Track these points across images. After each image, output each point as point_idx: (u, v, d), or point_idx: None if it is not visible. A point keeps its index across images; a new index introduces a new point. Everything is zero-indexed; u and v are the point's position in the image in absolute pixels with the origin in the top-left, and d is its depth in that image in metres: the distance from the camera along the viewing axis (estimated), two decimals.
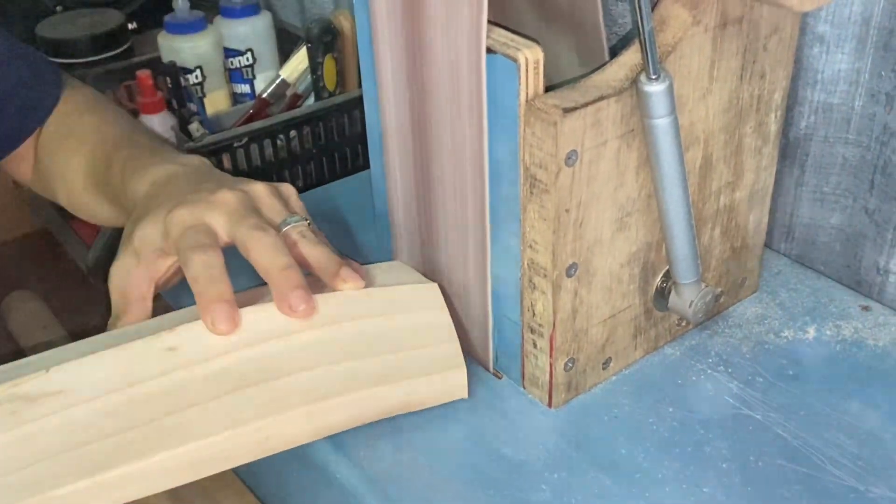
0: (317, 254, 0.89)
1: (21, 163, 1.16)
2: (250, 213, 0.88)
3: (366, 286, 0.90)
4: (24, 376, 0.79)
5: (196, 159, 1.02)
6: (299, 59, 1.52)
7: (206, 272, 0.83)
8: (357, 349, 0.87)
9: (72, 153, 1.10)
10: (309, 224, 0.92)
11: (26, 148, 1.15)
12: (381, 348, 0.88)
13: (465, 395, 0.90)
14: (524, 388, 0.95)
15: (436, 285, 0.95)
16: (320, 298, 0.86)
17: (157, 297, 0.92)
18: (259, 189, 0.93)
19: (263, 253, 0.85)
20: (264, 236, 0.86)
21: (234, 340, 0.83)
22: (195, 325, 0.83)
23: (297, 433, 0.83)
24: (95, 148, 1.08)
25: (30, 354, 0.86)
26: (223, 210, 0.88)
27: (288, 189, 0.97)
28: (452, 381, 0.90)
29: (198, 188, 0.91)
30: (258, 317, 0.85)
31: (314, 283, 0.88)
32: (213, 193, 0.89)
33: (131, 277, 0.89)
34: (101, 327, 0.90)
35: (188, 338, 0.83)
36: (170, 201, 0.89)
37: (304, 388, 0.83)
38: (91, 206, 1.10)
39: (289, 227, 0.90)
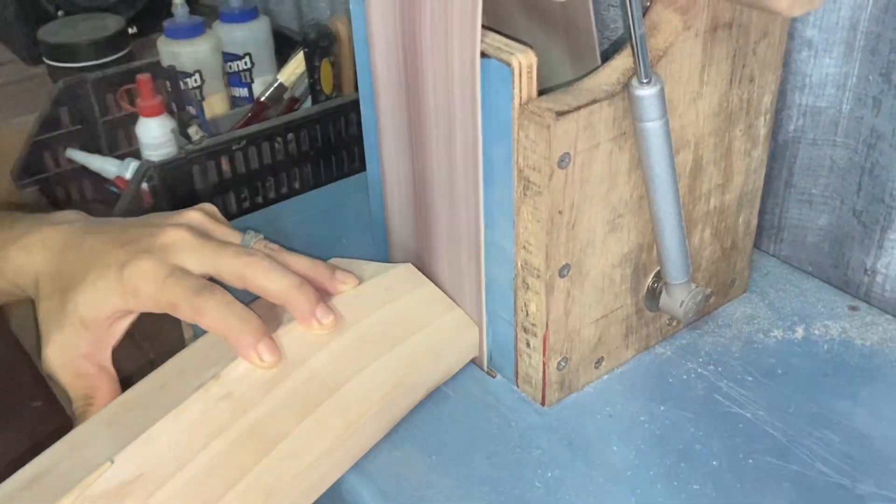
0: (300, 262, 0.88)
1: None
2: (216, 242, 0.85)
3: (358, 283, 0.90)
4: (88, 475, 0.72)
5: (75, 214, 0.92)
6: (296, 64, 1.52)
7: (230, 312, 0.80)
8: (385, 343, 0.88)
9: None
10: (261, 235, 0.90)
11: None
12: (401, 335, 0.89)
13: (477, 353, 0.96)
14: (518, 386, 0.95)
15: (409, 264, 0.96)
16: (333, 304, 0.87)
17: None
18: (194, 217, 0.88)
19: (268, 277, 0.82)
20: (257, 261, 0.83)
21: (281, 367, 0.82)
22: (235, 365, 0.81)
23: (373, 434, 0.86)
24: None
25: (32, 355, 0.85)
26: (183, 249, 0.83)
27: (211, 208, 0.92)
28: (468, 343, 0.95)
29: (124, 238, 0.84)
30: (290, 336, 0.84)
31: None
32: (156, 237, 0.83)
33: (81, 351, 0.82)
34: None
35: (235, 380, 0.80)
36: (101, 261, 0.82)
37: (361, 393, 0.84)
38: None
39: (253, 242, 0.88)
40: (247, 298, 0.84)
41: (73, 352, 0.82)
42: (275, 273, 0.83)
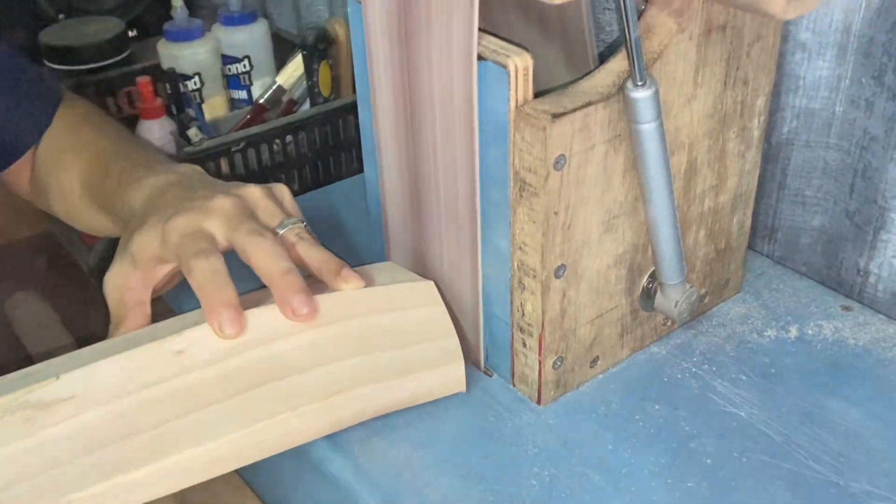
0: (315, 255, 0.89)
1: (19, 177, 1.17)
2: (247, 218, 0.88)
3: (365, 286, 0.89)
4: (35, 383, 0.78)
5: (189, 168, 1.01)
6: (295, 66, 1.52)
7: (210, 278, 0.82)
8: (360, 347, 0.87)
9: (68, 167, 1.10)
10: (305, 226, 0.92)
11: (24, 162, 1.15)
12: (382, 345, 0.88)
13: (464, 389, 0.92)
14: (514, 385, 0.95)
15: (431, 283, 0.94)
16: (323, 298, 0.86)
17: (157, 301, 0.91)
18: (254, 192, 0.92)
19: (263, 258, 0.84)
20: (263, 241, 0.85)
21: (241, 341, 0.83)
22: (201, 329, 0.82)
23: (306, 430, 0.83)
24: (91, 161, 1.07)
25: (34, 354, 0.86)
26: (220, 216, 0.87)
27: (282, 190, 0.96)
28: (451, 375, 0.91)
29: (193, 195, 0.90)
30: (263, 317, 0.84)
31: (314, 284, 0.87)
32: (209, 200, 0.88)
33: (128, 283, 0.88)
34: (104, 327, 0.89)
35: (195, 341, 0.82)
36: (166, 210, 0.88)
37: (311, 386, 0.84)
38: (88, 218, 1.09)
39: (286, 229, 0.89)
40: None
41: (123, 281, 0.88)
42: (269, 255, 0.84)
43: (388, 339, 0.89)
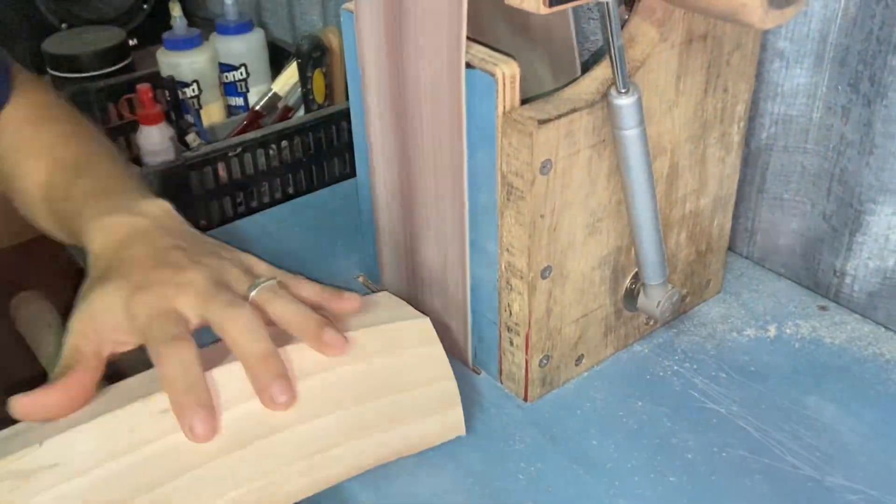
0: (293, 314, 0.82)
1: None
2: (220, 290, 0.81)
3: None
4: (19, 450, 0.73)
5: (159, 208, 0.91)
6: (290, 74, 1.52)
7: (180, 373, 0.76)
8: (352, 395, 0.81)
9: (29, 171, 1.00)
10: (279, 281, 0.85)
11: None
12: (376, 391, 0.83)
13: (464, 433, 0.86)
14: (501, 383, 0.95)
15: (427, 319, 0.88)
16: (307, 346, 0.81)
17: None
18: (224, 265, 0.85)
19: (239, 336, 0.78)
20: (238, 316, 0.79)
21: (228, 398, 0.77)
22: None
23: (296, 489, 0.78)
24: (53, 172, 0.98)
25: (37, 353, 0.84)
26: (191, 291, 0.80)
27: (250, 258, 0.89)
28: (451, 420, 0.86)
29: (161, 261, 0.83)
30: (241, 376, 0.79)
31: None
32: (178, 273, 0.82)
33: (88, 334, 0.80)
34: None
35: None
36: (130, 275, 0.81)
37: (302, 441, 0.78)
38: (47, 228, 1.00)
39: (257, 289, 0.83)
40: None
41: (84, 329, 0.80)
42: (245, 333, 0.78)
43: (379, 386, 0.83)
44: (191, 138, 1.38)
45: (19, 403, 0.75)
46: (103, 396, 0.79)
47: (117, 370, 0.83)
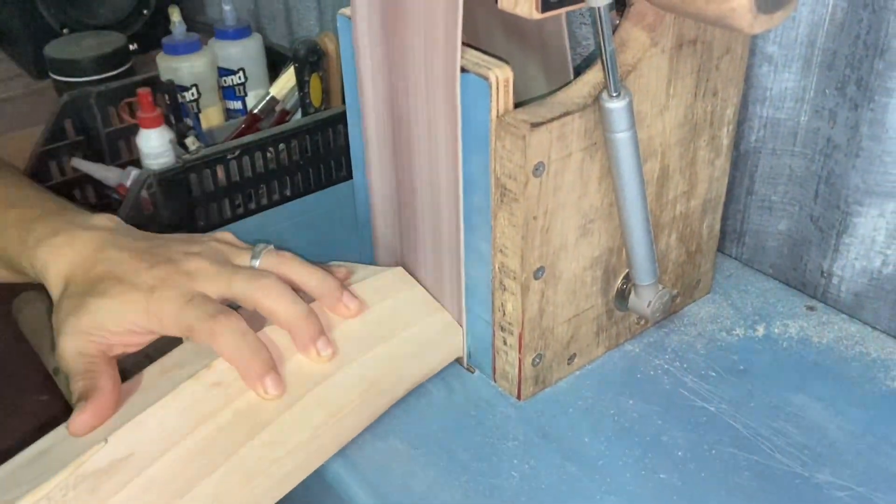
0: (307, 275, 0.86)
1: None
2: (231, 267, 0.84)
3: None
4: (84, 454, 0.73)
5: (108, 220, 0.90)
6: (287, 78, 1.52)
7: (241, 341, 0.79)
8: (372, 339, 0.87)
9: None
10: (273, 246, 0.88)
11: None
12: (388, 332, 0.89)
13: (462, 354, 0.95)
14: (495, 381, 0.95)
15: (401, 268, 0.96)
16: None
17: None
18: (212, 245, 0.87)
19: (274, 304, 0.81)
20: (266, 285, 0.82)
21: (277, 355, 0.82)
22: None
23: (357, 423, 0.86)
24: None
25: (39, 352, 0.84)
26: (204, 277, 0.82)
27: (223, 235, 0.91)
28: (454, 342, 0.94)
29: (152, 260, 0.83)
30: (280, 334, 0.84)
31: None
32: (179, 263, 0.83)
33: (91, 351, 0.80)
34: None
35: (226, 370, 0.80)
36: (132, 279, 0.82)
37: (348, 383, 0.84)
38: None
39: (261, 256, 0.86)
40: None
41: (85, 348, 0.80)
42: (283, 300, 0.82)
43: (388, 328, 0.89)
44: (190, 141, 1.37)
45: (81, 422, 0.76)
46: (136, 389, 0.81)
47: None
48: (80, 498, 0.71)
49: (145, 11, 1.95)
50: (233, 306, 0.83)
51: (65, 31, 1.84)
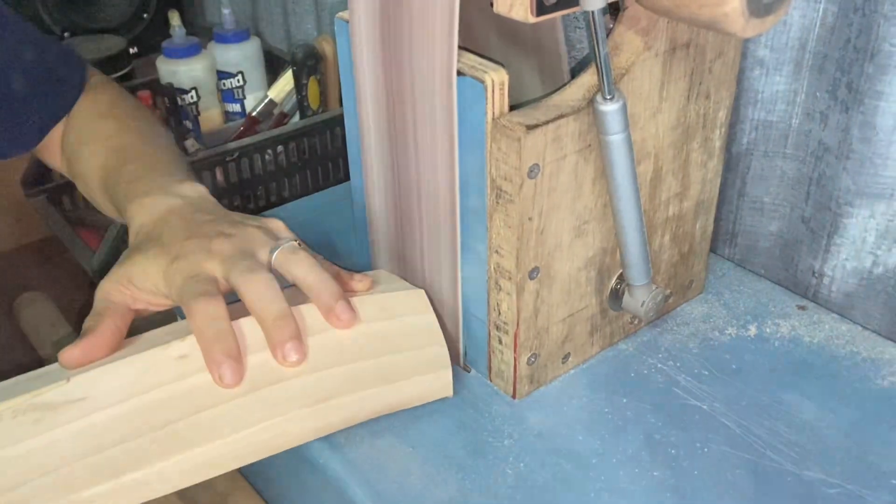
0: (311, 278, 0.85)
1: (51, 153, 1.13)
2: (243, 257, 0.84)
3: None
4: (45, 386, 0.77)
5: (195, 191, 0.95)
6: (286, 81, 1.52)
7: (209, 325, 0.80)
8: (353, 353, 0.85)
9: (89, 158, 1.06)
10: (299, 243, 0.88)
11: (53, 140, 1.12)
12: (374, 352, 0.87)
13: (451, 394, 0.90)
14: (491, 380, 0.95)
15: (422, 291, 0.93)
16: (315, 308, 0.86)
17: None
18: (251, 232, 0.88)
19: (256, 298, 0.81)
20: (256, 279, 0.82)
21: (241, 348, 0.81)
22: None
23: (300, 433, 0.82)
24: (108, 158, 1.04)
25: (40, 351, 0.85)
26: (219, 259, 0.84)
27: (276, 224, 0.92)
28: (440, 381, 0.89)
29: (194, 233, 0.87)
30: (259, 328, 0.83)
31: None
32: (210, 241, 0.85)
33: (118, 292, 0.85)
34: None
35: (197, 347, 0.81)
36: (169, 242, 0.86)
37: (306, 390, 0.82)
38: (104, 207, 1.06)
39: (278, 250, 0.86)
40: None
41: (115, 288, 0.85)
42: (262, 296, 0.82)
43: (377, 347, 0.87)
44: (189, 143, 1.38)
45: (70, 355, 0.81)
46: (130, 344, 0.84)
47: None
48: (24, 424, 0.75)
49: (145, 15, 1.95)
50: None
51: (66, 34, 1.84)
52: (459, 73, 0.79)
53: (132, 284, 0.85)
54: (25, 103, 1.07)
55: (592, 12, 0.74)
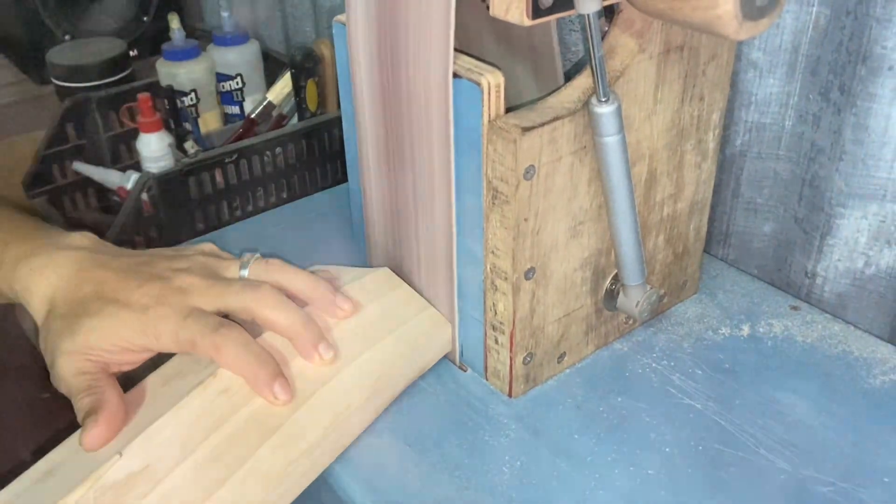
0: (299, 281, 0.86)
1: None
2: (220, 280, 0.83)
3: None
4: (100, 467, 0.72)
5: (85, 237, 0.88)
6: (284, 83, 1.52)
7: (247, 352, 0.78)
8: (360, 344, 0.87)
9: None
10: (259, 256, 0.87)
11: None
12: (374, 336, 0.88)
13: (451, 349, 0.96)
14: (487, 379, 0.95)
15: (386, 268, 0.96)
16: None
17: None
18: (196, 258, 0.86)
19: (271, 313, 0.81)
20: (261, 296, 0.81)
21: (280, 361, 0.81)
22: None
23: (360, 421, 0.86)
24: None
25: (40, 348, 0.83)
26: (196, 291, 0.81)
27: (207, 245, 0.90)
28: (444, 337, 0.94)
29: (142, 279, 0.82)
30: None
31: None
32: (169, 282, 0.81)
33: (90, 369, 0.78)
34: None
35: (232, 376, 0.79)
36: (123, 299, 0.80)
37: (341, 389, 0.84)
38: None
39: (250, 265, 0.86)
40: None
41: (84, 367, 0.78)
42: (281, 308, 0.81)
43: (381, 327, 0.89)
44: (189, 145, 1.37)
45: (95, 435, 0.74)
46: (147, 398, 0.80)
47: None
48: None
49: (145, 18, 1.95)
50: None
51: (67, 37, 1.84)
52: (456, 76, 0.79)
53: (100, 350, 0.79)
54: None
55: (588, 15, 0.74)
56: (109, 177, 1.37)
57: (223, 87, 1.64)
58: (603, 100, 0.79)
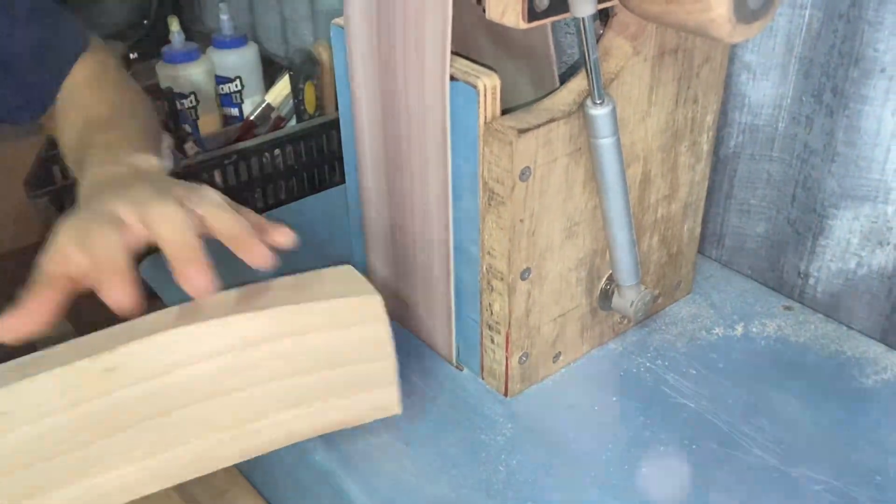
0: (223, 218, 0.78)
1: (49, 119, 1.10)
2: (157, 196, 0.78)
3: (305, 298, 0.80)
4: None
5: (146, 162, 0.91)
6: (283, 86, 1.52)
7: (102, 251, 0.74)
8: (292, 367, 0.79)
9: (66, 128, 1.04)
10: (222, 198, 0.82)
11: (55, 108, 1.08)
12: (316, 365, 0.80)
13: (399, 412, 0.84)
14: (483, 379, 0.95)
15: (377, 297, 0.80)
16: (258, 315, 0.77)
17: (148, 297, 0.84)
18: (170, 183, 0.82)
19: (162, 229, 0.74)
20: (163, 211, 0.75)
21: (170, 362, 0.75)
22: (134, 346, 0.75)
23: (227, 455, 0.78)
24: (82, 129, 1.01)
25: (41, 347, 0.82)
26: (129, 200, 0.77)
27: (205, 187, 0.84)
28: (385, 399, 0.84)
29: (119, 190, 0.81)
30: (194, 337, 0.76)
31: (249, 298, 0.79)
32: (124, 191, 0.79)
33: (56, 265, 0.76)
34: (100, 322, 0.85)
35: (126, 359, 0.75)
36: (91, 205, 0.80)
37: (236, 408, 0.77)
38: (78, 178, 0.96)
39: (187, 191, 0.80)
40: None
41: (52, 255, 0.77)
42: (170, 227, 0.75)
43: (320, 360, 0.80)
44: (188, 147, 1.38)
45: (2, 325, 0.74)
46: (58, 352, 0.77)
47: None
48: None
49: (145, 21, 1.95)
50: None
51: None
52: (452, 78, 0.79)
53: (60, 249, 0.77)
54: (28, 67, 1.05)
55: (583, 18, 0.74)
56: None
57: (222, 89, 1.64)
58: (598, 102, 0.78)
